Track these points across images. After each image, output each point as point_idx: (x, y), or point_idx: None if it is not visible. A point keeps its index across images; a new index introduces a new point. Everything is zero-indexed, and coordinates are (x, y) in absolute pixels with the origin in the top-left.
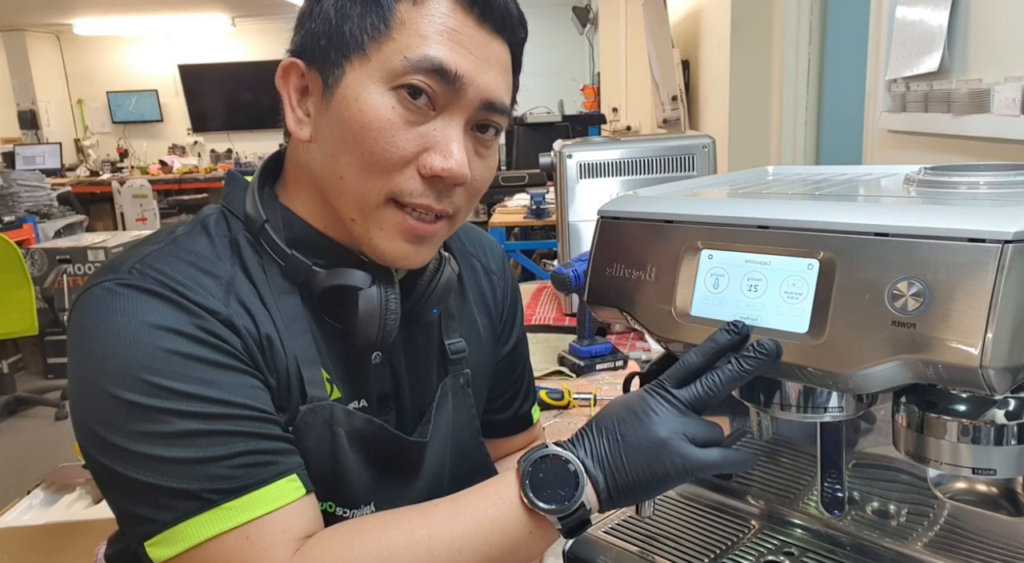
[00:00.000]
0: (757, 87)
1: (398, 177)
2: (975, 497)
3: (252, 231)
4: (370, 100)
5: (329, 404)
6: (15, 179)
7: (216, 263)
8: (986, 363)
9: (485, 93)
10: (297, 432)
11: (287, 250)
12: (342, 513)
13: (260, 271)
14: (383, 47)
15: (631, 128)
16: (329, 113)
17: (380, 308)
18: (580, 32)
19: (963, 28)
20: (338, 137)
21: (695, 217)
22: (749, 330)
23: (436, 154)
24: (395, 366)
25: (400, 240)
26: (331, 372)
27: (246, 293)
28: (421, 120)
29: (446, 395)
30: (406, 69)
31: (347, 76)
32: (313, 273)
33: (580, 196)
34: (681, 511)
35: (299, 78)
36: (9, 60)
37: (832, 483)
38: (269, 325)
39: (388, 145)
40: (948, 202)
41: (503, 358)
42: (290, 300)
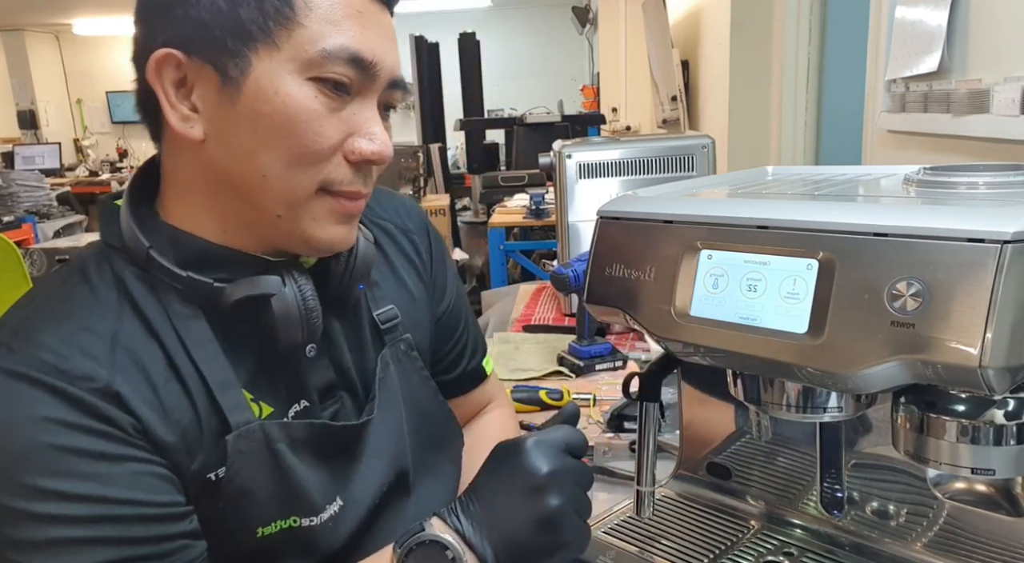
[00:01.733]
0: (757, 87)
1: (327, 166)
2: (974, 497)
3: (138, 262)
4: (292, 92)
5: (259, 425)
6: (14, 179)
7: (96, 316)
8: (985, 363)
9: (391, 72)
10: (233, 464)
11: (181, 273)
12: (308, 523)
13: (156, 305)
14: (293, 35)
15: (631, 128)
16: (237, 109)
17: (298, 308)
18: (580, 32)
19: (963, 28)
20: (257, 134)
21: (695, 217)
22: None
23: (362, 139)
24: (333, 353)
25: (334, 224)
26: (255, 390)
27: (137, 340)
28: (340, 105)
29: (387, 366)
30: (324, 61)
31: (255, 67)
32: (216, 290)
33: (579, 196)
34: (681, 511)
35: (175, 70)
36: (8, 60)
37: (832, 483)
38: (167, 369)
39: (316, 136)
40: (947, 202)
41: (442, 316)
42: (195, 325)
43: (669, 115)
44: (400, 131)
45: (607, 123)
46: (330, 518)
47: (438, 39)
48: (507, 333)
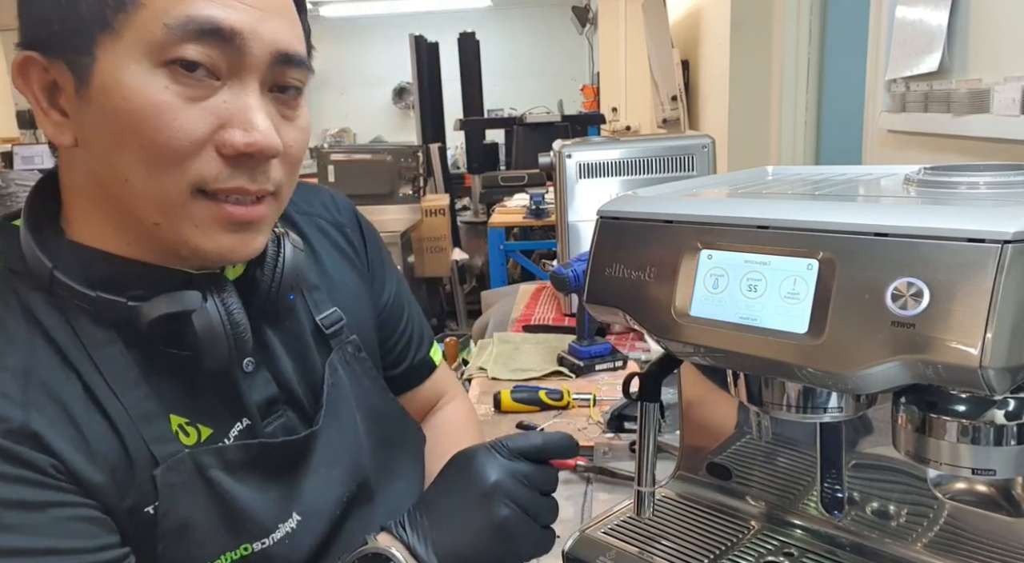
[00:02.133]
0: (757, 87)
1: (196, 164)
2: (975, 497)
3: (43, 286)
4: (135, 84)
5: (188, 454)
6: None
7: (5, 350)
8: (986, 363)
9: (273, 46)
10: (165, 499)
11: (90, 293)
12: (262, 547)
13: (67, 331)
14: (133, 18)
15: (630, 128)
16: (90, 109)
17: (222, 324)
18: (580, 32)
19: (963, 28)
20: (109, 133)
21: (695, 217)
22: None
23: (236, 129)
24: (272, 366)
25: (221, 232)
26: (189, 412)
27: (52, 373)
28: (205, 93)
29: (336, 371)
30: (170, 39)
31: (99, 62)
32: (131, 309)
33: (579, 196)
34: (681, 511)
35: (42, 74)
36: (7, 60)
37: (832, 483)
38: (84, 400)
39: (171, 131)
40: (948, 202)
41: (384, 308)
42: (111, 351)
43: (669, 115)
44: (400, 131)
45: (607, 123)
46: (286, 536)
47: (438, 39)
48: (507, 333)
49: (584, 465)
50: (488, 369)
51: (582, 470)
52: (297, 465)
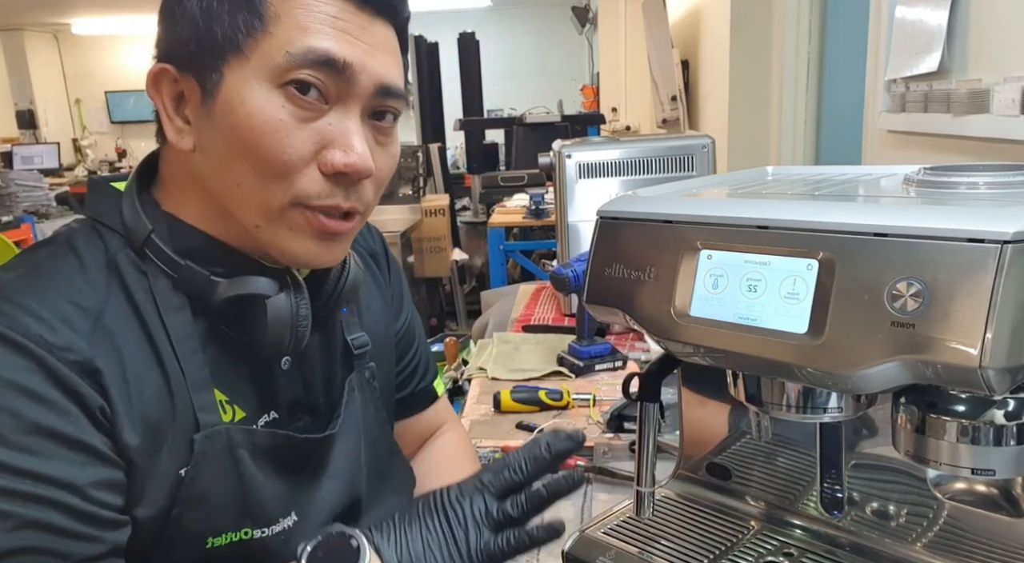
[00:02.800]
0: (757, 87)
1: (300, 179)
2: (974, 497)
3: (134, 244)
4: (256, 102)
5: (224, 428)
6: (13, 179)
7: (84, 290)
8: (985, 363)
9: (378, 79)
10: (195, 465)
11: (179, 261)
12: (260, 535)
13: (145, 291)
14: (261, 44)
15: (630, 128)
16: (213, 121)
17: (291, 315)
18: (579, 32)
19: (963, 28)
20: (228, 145)
21: (694, 217)
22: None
23: (336, 150)
24: (304, 370)
25: (311, 240)
26: (230, 391)
27: (121, 323)
28: (314, 116)
29: (353, 391)
30: (291, 64)
31: (227, 80)
32: (212, 284)
33: (579, 196)
34: (681, 511)
35: (172, 85)
36: (7, 60)
37: (832, 483)
38: (147, 357)
39: (283, 147)
40: (947, 202)
41: (397, 335)
42: (180, 318)
43: (669, 115)
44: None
45: (607, 123)
46: (282, 531)
47: (438, 39)
48: (507, 333)
49: (584, 465)
50: (488, 369)
51: (582, 470)
52: (307, 467)
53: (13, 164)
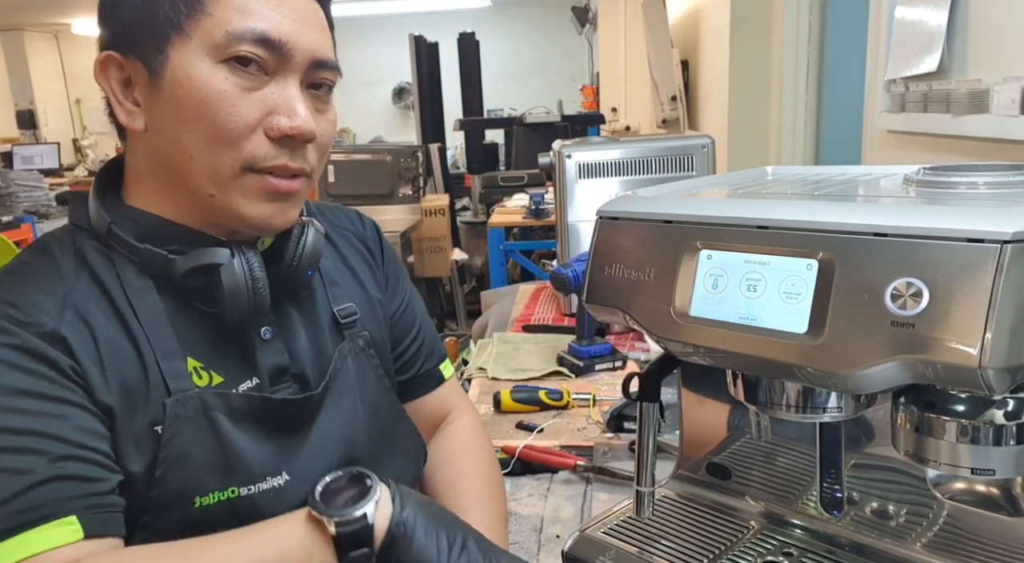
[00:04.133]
0: (756, 87)
1: (248, 144)
2: (974, 497)
3: (99, 237)
4: (202, 76)
5: (196, 392)
6: (13, 179)
7: (53, 279)
8: (985, 363)
9: (311, 53)
10: (170, 426)
11: (139, 245)
12: (247, 492)
13: (111, 275)
14: (202, 24)
15: (630, 128)
16: (162, 98)
17: (245, 278)
18: (579, 32)
19: (962, 28)
20: (178, 118)
21: (694, 217)
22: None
23: (281, 116)
24: (288, 340)
25: (264, 202)
26: (206, 359)
27: (88, 303)
28: (257, 85)
29: (344, 358)
30: (230, 42)
31: (171, 59)
32: (169, 261)
33: (579, 196)
34: (681, 511)
35: (119, 70)
36: (7, 60)
37: (831, 483)
38: (117, 329)
39: (231, 114)
40: (947, 202)
41: (395, 314)
42: (146, 296)
43: (669, 115)
44: (400, 131)
45: (607, 123)
46: (272, 489)
47: (438, 39)
48: (507, 333)
49: (584, 465)
50: (488, 369)
51: (582, 470)
52: (294, 429)
53: (13, 164)
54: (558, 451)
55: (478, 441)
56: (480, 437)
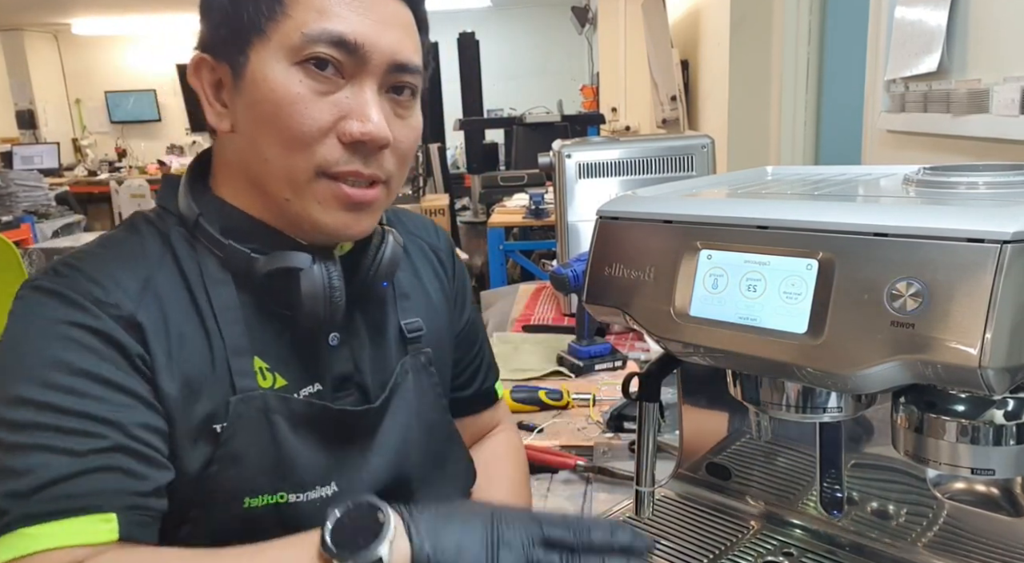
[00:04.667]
0: (756, 87)
1: (320, 148)
2: (974, 497)
3: (187, 227)
4: (277, 78)
5: (260, 394)
6: (13, 179)
7: (138, 259)
8: (985, 363)
9: (391, 56)
10: (231, 425)
11: (223, 241)
12: (295, 500)
13: (194, 265)
14: (280, 26)
15: (630, 128)
16: (243, 99)
17: (323, 285)
18: (579, 32)
19: (962, 28)
20: (255, 120)
21: (694, 217)
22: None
23: (353, 120)
24: (354, 347)
25: (339, 210)
26: (273, 360)
27: (168, 289)
28: (331, 89)
29: (406, 374)
30: (306, 43)
31: (251, 60)
32: (251, 260)
33: (579, 196)
34: (681, 511)
35: (211, 72)
36: (7, 60)
37: (831, 483)
38: (191, 320)
39: (303, 118)
40: (947, 202)
41: (461, 332)
42: (224, 291)
43: (669, 115)
44: None
45: (607, 123)
46: (319, 499)
47: (438, 39)
48: (507, 333)
49: (584, 465)
50: None
51: (582, 470)
52: (349, 440)
53: (13, 164)
54: (558, 451)
55: (512, 452)
56: (515, 449)
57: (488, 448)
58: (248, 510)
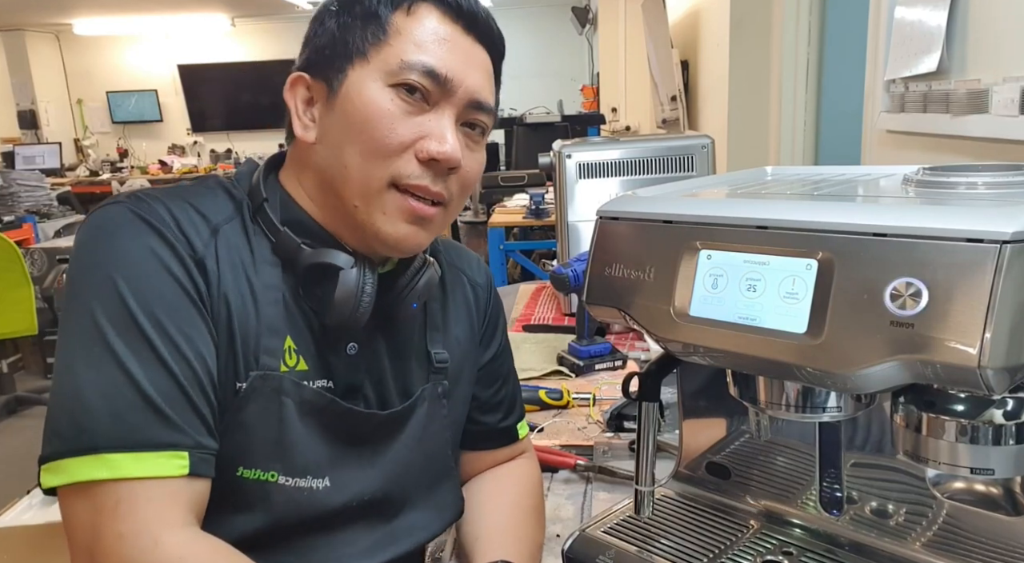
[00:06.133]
0: (756, 87)
1: (398, 161)
2: (973, 497)
3: (254, 205)
4: (372, 94)
5: (279, 375)
6: (15, 179)
7: (212, 209)
8: (984, 363)
9: (472, 93)
10: (244, 396)
11: (280, 227)
12: (284, 482)
13: (254, 238)
14: (382, 52)
15: (630, 128)
16: (334, 113)
17: (357, 288)
18: (579, 32)
19: (962, 28)
20: (343, 130)
21: (694, 217)
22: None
23: (432, 140)
24: (373, 362)
25: (402, 222)
26: (301, 344)
27: (229, 246)
28: (417, 112)
29: (423, 399)
30: (403, 70)
31: (349, 78)
32: (300, 250)
33: (579, 196)
34: (680, 511)
35: (305, 89)
36: (9, 60)
37: (831, 483)
38: (241, 285)
39: (388, 132)
40: (946, 202)
41: (483, 365)
42: (271, 270)
43: (669, 115)
44: None
45: (607, 123)
46: (307, 489)
47: None
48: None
49: (584, 464)
50: None
51: (582, 469)
52: (351, 442)
53: (15, 164)
54: (558, 450)
55: (528, 476)
56: (532, 475)
57: (502, 472)
58: (239, 479)
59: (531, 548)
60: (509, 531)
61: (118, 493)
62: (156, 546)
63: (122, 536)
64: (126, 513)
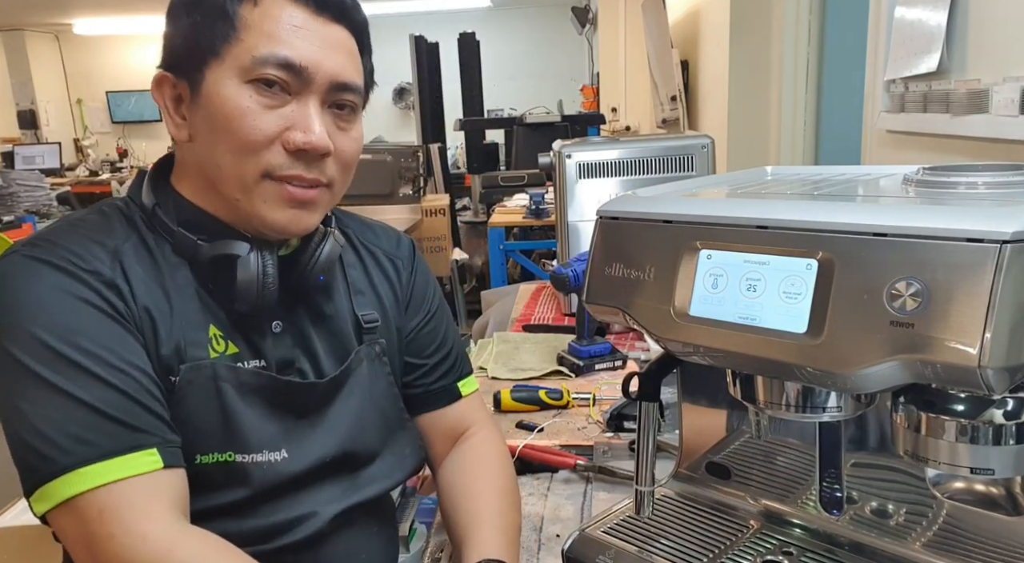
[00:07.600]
0: (756, 87)
1: (267, 155)
2: (973, 497)
3: (147, 213)
4: (229, 94)
5: (210, 362)
6: (14, 179)
7: (105, 235)
8: (984, 363)
9: (333, 76)
10: (180, 390)
11: (175, 228)
12: (243, 460)
13: (155, 248)
14: (233, 49)
15: (630, 128)
16: (200, 113)
17: (258, 272)
18: (579, 32)
19: (962, 28)
20: (210, 131)
21: (694, 217)
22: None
23: (297, 131)
24: (300, 336)
25: (284, 208)
26: (225, 330)
27: (132, 262)
28: (278, 104)
29: (360, 360)
30: (256, 65)
31: (207, 78)
32: (198, 247)
33: (579, 196)
34: (680, 511)
35: (171, 88)
36: (8, 60)
37: (831, 483)
38: (154, 293)
39: (251, 129)
40: (946, 202)
41: (412, 334)
42: (180, 271)
43: (669, 115)
44: (400, 131)
45: (607, 123)
46: (267, 462)
47: (438, 39)
48: (507, 333)
49: (584, 464)
50: (488, 369)
51: (582, 469)
52: (301, 414)
53: (15, 164)
54: (558, 450)
55: (495, 454)
56: (497, 451)
57: (467, 450)
58: (199, 465)
59: (513, 533)
60: (488, 522)
61: (98, 500)
62: (144, 541)
63: (112, 538)
64: (110, 517)
